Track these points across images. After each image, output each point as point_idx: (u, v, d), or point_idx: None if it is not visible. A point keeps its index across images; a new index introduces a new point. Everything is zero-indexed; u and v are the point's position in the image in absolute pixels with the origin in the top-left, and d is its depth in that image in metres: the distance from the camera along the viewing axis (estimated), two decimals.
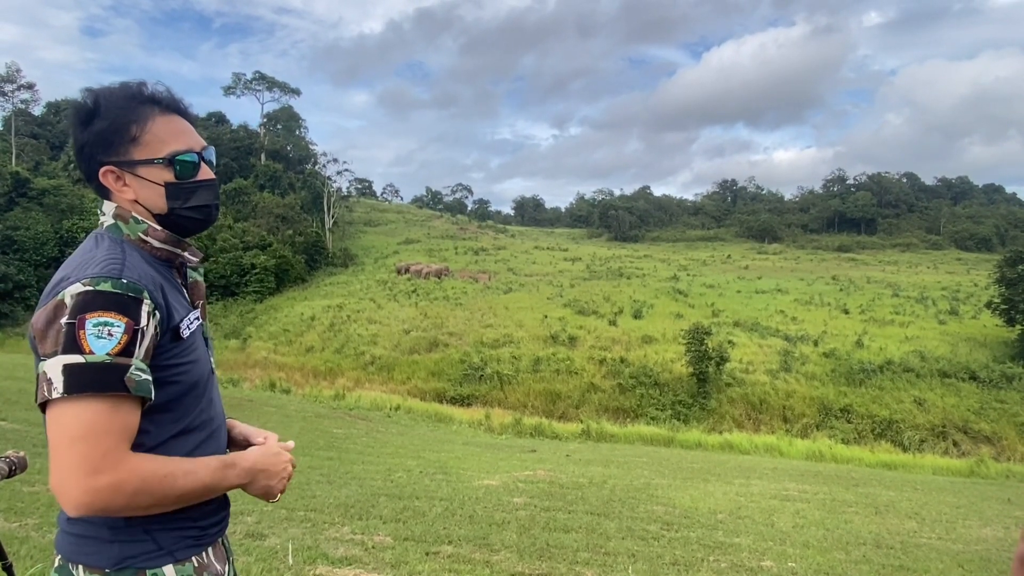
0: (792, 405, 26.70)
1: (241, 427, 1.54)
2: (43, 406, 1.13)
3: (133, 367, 1.13)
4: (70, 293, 1.13)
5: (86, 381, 1.10)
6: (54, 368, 1.10)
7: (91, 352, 1.10)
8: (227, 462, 1.28)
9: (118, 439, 1.12)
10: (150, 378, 1.17)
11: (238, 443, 1.51)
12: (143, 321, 1.16)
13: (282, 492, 1.40)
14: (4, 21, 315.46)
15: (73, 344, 1.10)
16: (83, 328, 1.10)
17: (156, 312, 1.19)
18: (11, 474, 1.85)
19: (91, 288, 1.13)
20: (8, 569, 2.26)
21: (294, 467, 1.43)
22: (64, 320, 1.11)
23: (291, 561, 4.46)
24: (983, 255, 76.34)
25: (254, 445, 1.45)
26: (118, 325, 1.12)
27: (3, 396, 11.64)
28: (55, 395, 1.10)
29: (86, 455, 1.09)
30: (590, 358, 31.07)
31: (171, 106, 1.34)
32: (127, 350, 1.13)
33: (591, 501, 7.75)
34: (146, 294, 1.17)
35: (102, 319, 1.11)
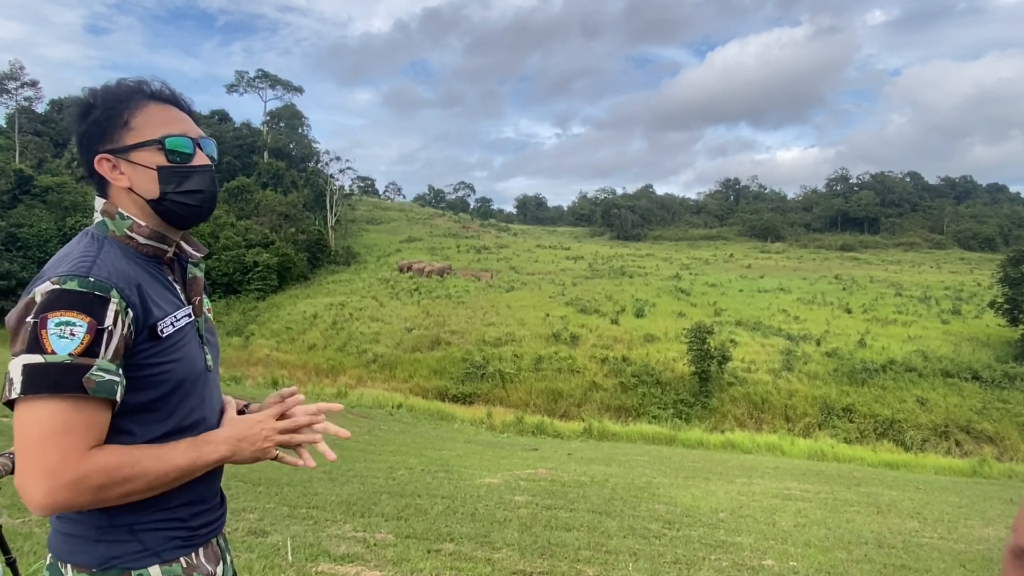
0: (794, 404, 26.66)
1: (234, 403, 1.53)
2: (9, 404, 1.12)
3: (95, 368, 1.11)
4: (40, 291, 1.12)
5: (43, 382, 1.08)
6: (16, 367, 1.09)
7: (52, 352, 1.09)
8: (199, 440, 1.25)
9: (77, 439, 1.10)
10: (116, 379, 1.14)
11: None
12: (108, 321, 1.13)
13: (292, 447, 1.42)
14: (7, 18, 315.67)
15: (36, 343, 1.09)
16: (45, 327, 1.09)
17: (128, 311, 1.17)
18: (14, 471, 1.86)
19: (58, 287, 1.12)
20: (12, 565, 2.27)
21: (281, 429, 1.39)
22: (30, 318, 1.11)
23: (291, 559, 4.46)
24: (986, 255, 76.13)
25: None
26: (80, 325, 1.10)
27: None
28: (14, 395, 1.09)
29: (44, 457, 1.08)
30: (592, 357, 31.05)
31: (167, 98, 1.34)
32: (90, 350, 1.11)
33: (593, 500, 7.75)
34: (115, 293, 1.15)
35: (64, 318, 1.10)
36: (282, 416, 1.42)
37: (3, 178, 43.47)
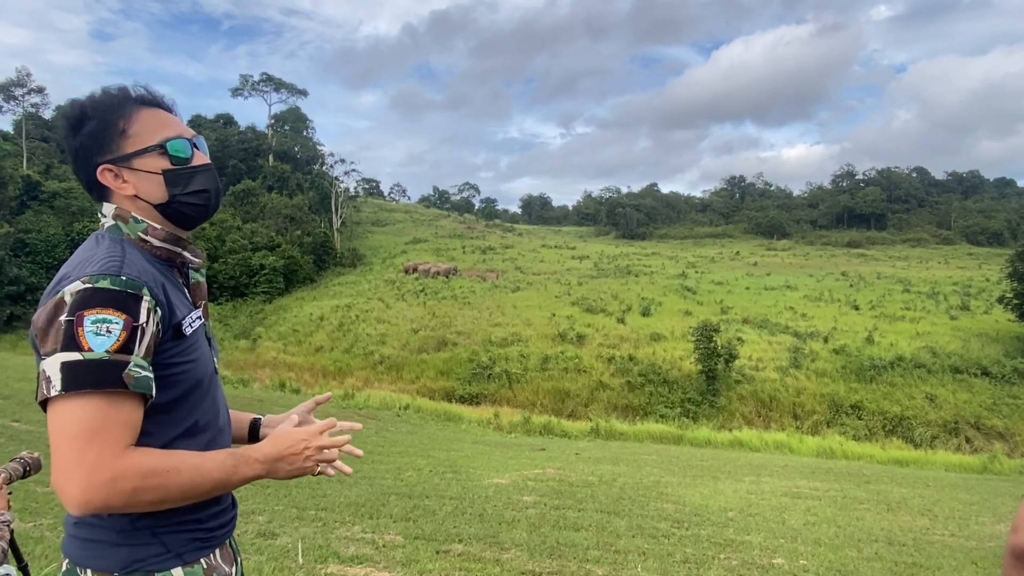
0: (802, 402, 26.57)
1: (274, 419, 1.57)
2: (44, 404, 1.12)
3: (132, 363, 1.12)
4: (70, 291, 1.12)
5: (84, 378, 1.09)
6: (53, 366, 1.09)
7: (90, 349, 1.09)
8: (238, 455, 1.25)
9: (117, 435, 1.11)
10: (151, 375, 1.15)
11: None
12: (142, 318, 1.14)
13: (323, 464, 1.37)
14: (14, 25, 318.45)
15: (72, 341, 1.09)
16: (81, 325, 1.10)
17: (157, 309, 1.18)
18: (26, 475, 1.87)
19: (90, 285, 1.12)
20: (24, 569, 2.28)
21: (323, 447, 1.33)
22: (63, 318, 1.11)
23: (300, 561, 4.48)
24: (994, 249, 75.66)
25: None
26: (116, 322, 1.11)
27: (17, 398, 11.75)
28: (54, 393, 1.09)
29: (84, 452, 1.08)
30: (599, 356, 31.02)
31: (153, 102, 1.35)
32: (126, 347, 1.12)
33: (601, 499, 7.74)
34: (146, 291, 1.16)
35: (101, 316, 1.11)
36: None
37: (11, 184, 43.78)
